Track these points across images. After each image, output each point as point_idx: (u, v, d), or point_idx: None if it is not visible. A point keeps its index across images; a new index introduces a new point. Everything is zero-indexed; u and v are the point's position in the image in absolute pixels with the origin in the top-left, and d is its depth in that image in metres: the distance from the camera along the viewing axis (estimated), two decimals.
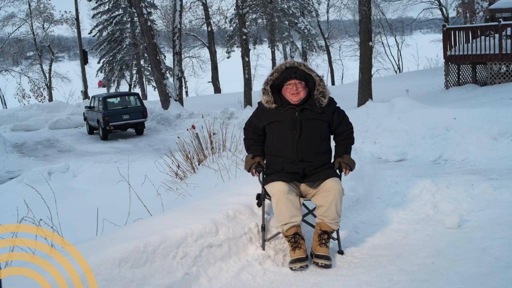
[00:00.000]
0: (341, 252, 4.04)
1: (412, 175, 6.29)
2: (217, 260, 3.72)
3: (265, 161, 4.16)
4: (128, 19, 35.14)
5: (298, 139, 3.93)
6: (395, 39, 41.20)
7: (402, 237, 4.34)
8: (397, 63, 42.58)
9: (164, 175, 7.11)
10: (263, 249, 3.98)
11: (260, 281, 3.65)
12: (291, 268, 3.80)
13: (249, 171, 4.14)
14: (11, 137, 19.88)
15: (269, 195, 4.00)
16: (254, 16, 28.69)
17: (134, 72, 38.41)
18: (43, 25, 39.37)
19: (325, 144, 4.03)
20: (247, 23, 26.06)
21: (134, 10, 27.85)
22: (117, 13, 35.49)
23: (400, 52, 42.19)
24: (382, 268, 3.73)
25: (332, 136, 4.17)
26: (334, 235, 4.04)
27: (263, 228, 4.03)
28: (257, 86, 38.82)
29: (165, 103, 22.58)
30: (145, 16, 22.32)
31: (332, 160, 4.13)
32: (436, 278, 3.46)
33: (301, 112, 3.95)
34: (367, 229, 4.50)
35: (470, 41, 16.84)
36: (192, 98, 34.77)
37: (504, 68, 16.61)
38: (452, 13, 34.48)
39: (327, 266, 3.79)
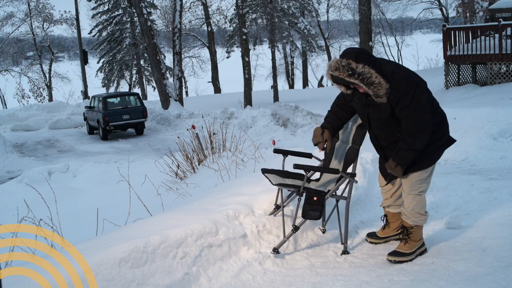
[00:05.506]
0: (275, 250, 3.89)
1: None
2: (217, 260, 3.72)
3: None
4: (128, 19, 35.12)
5: (370, 130, 3.87)
6: (395, 39, 41.22)
7: None
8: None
9: (164, 175, 7.11)
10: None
11: (260, 281, 3.65)
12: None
13: (315, 145, 4.05)
14: (11, 137, 19.89)
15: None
16: (254, 16, 28.67)
17: (134, 72, 38.42)
18: (42, 25, 39.43)
19: (401, 131, 3.68)
20: (247, 23, 26.05)
21: (134, 10, 27.85)
22: (117, 13, 35.48)
23: (400, 52, 42.21)
24: (382, 268, 3.73)
25: None
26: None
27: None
28: (257, 86, 38.92)
29: (165, 103, 22.59)
30: (145, 16, 22.33)
31: None
32: (436, 278, 3.46)
33: (367, 100, 3.70)
34: (367, 229, 4.50)
35: (470, 41, 16.85)
36: (192, 98, 34.77)
37: (504, 68, 16.62)
38: (452, 13, 34.52)
39: (392, 262, 3.84)
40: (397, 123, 3.66)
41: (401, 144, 3.65)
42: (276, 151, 4.43)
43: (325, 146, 3.99)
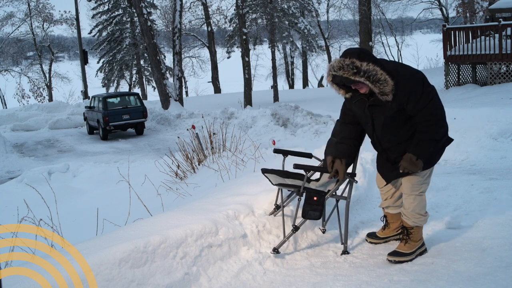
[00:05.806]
0: (275, 250, 3.89)
1: None
2: (217, 260, 3.72)
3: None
4: (128, 19, 35.13)
5: (373, 132, 3.80)
6: (395, 39, 41.20)
7: None
8: None
9: (164, 175, 7.11)
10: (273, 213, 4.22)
11: (260, 281, 3.65)
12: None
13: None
14: (11, 137, 19.89)
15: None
16: (254, 16, 28.68)
17: (134, 72, 38.42)
18: (42, 25, 39.44)
19: (405, 132, 3.68)
20: (247, 23, 26.05)
21: (134, 10, 27.85)
22: (117, 13, 35.49)
23: (400, 52, 42.19)
24: (382, 268, 3.73)
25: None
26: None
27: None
28: (257, 86, 38.92)
29: (165, 103, 22.59)
30: (145, 16, 22.33)
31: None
32: (436, 278, 3.46)
33: (370, 101, 3.65)
34: (367, 229, 4.50)
35: (470, 41, 16.85)
36: (192, 98, 34.78)
37: (504, 68, 16.63)
38: (452, 13, 34.52)
39: (392, 262, 3.84)
40: (403, 122, 3.65)
41: (420, 136, 3.59)
42: (276, 151, 4.43)
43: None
